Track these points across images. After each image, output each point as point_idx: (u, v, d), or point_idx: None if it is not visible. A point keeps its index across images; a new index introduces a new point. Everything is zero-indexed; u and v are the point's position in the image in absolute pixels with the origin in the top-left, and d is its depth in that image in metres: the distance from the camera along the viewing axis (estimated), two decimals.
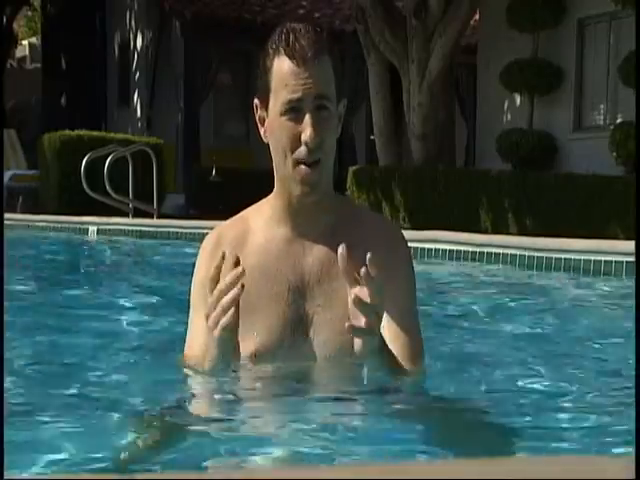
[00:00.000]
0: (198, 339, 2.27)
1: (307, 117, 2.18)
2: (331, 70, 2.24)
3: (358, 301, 2.00)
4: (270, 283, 2.27)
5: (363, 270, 2.00)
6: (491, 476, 1.03)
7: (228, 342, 2.11)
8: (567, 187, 9.57)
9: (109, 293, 5.12)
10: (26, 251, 8.27)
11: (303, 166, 2.21)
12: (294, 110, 2.19)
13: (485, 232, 9.34)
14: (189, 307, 2.37)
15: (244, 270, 2.05)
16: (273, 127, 2.24)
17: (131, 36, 18.90)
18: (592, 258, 5.96)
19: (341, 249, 2.05)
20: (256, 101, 2.30)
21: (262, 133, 2.29)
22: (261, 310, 2.24)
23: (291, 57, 2.19)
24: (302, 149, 2.20)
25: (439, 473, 1.06)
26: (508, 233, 9.20)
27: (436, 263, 7.08)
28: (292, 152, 2.20)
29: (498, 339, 3.54)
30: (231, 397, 2.21)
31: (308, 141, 2.18)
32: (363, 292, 2.02)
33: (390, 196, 11.13)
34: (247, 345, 2.23)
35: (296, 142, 2.20)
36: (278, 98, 2.21)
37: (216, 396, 2.23)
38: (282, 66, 2.20)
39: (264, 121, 2.28)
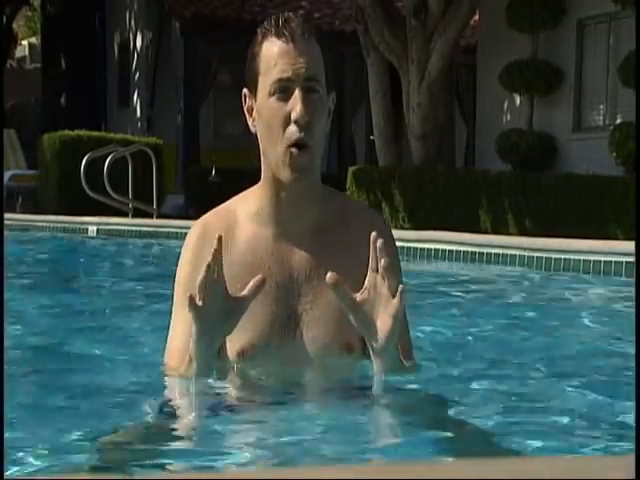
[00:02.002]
0: (180, 338, 2.24)
1: (296, 93, 2.14)
2: (321, 56, 2.19)
3: (396, 317, 2.07)
4: None
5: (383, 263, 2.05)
6: (491, 476, 1.03)
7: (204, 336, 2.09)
8: (567, 187, 9.57)
9: (108, 293, 5.11)
10: (26, 251, 8.27)
11: (294, 148, 2.15)
12: (283, 90, 2.15)
13: (485, 232, 9.34)
14: (172, 304, 2.33)
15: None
16: (262, 110, 2.19)
17: (131, 36, 18.90)
18: (592, 258, 5.96)
19: (330, 277, 2.08)
20: (245, 91, 2.26)
21: (250, 123, 2.25)
22: (248, 309, 2.18)
23: (280, 35, 2.16)
24: (292, 128, 2.14)
25: (439, 473, 1.05)
26: (508, 233, 9.19)
27: (436, 263, 7.08)
28: (282, 132, 2.15)
29: (497, 339, 3.54)
30: (221, 397, 2.19)
31: (298, 118, 2.13)
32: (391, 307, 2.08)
33: (390, 196, 11.13)
34: (234, 343, 2.21)
35: (285, 121, 2.15)
36: (267, 79, 2.17)
37: (207, 397, 2.21)
38: (271, 47, 2.17)
39: (252, 110, 2.24)
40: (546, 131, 12.00)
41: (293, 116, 2.13)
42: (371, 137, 13.97)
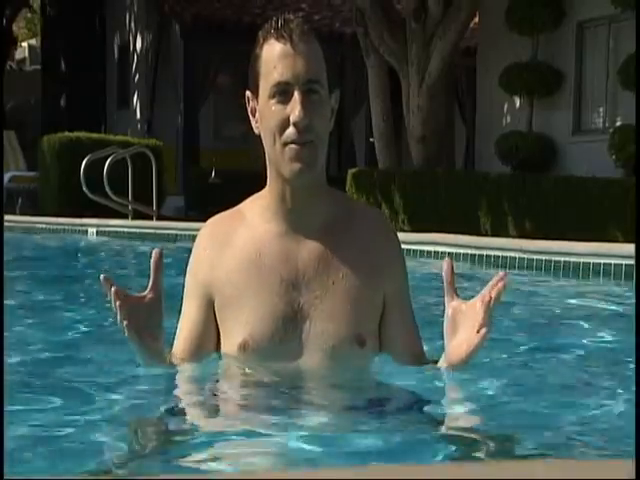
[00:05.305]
0: (182, 331, 2.34)
1: (295, 96, 2.15)
2: (321, 56, 2.21)
3: (488, 308, 2.12)
4: (261, 276, 2.25)
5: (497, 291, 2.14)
6: (492, 476, 1.03)
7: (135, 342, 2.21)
8: (566, 190, 9.57)
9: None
10: (26, 252, 8.26)
11: (293, 145, 2.16)
12: (283, 92, 2.16)
13: (484, 235, 9.34)
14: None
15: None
16: (263, 112, 2.21)
17: (131, 38, 18.90)
18: (591, 261, 5.96)
19: (446, 265, 2.14)
20: (248, 93, 2.28)
21: (254, 124, 2.27)
22: (250, 302, 2.22)
23: (280, 38, 2.17)
24: (290, 130, 2.16)
25: (440, 473, 1.06)
26: (507, 236, 9.19)
27: (435, 266, 7.08)
28: (281, 134, 2.16)
29: (497, 341, 3.54)
30: (223, 393, 2.21)
31: (297, 121, 2.14)
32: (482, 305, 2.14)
33: (389, 199, 11.13)
34: (236, 336, 2.23)
35: (285, 124, 2.16)
36: (267, 81, 2.18)
37: (209, 395, 2.22)
38: (271, 49, 2.18)
39: (255, 111, 2.26)
40: (546, 133, 12.01)
41: (292, 119, 2.14)
42: (371, 139, 13.98)
